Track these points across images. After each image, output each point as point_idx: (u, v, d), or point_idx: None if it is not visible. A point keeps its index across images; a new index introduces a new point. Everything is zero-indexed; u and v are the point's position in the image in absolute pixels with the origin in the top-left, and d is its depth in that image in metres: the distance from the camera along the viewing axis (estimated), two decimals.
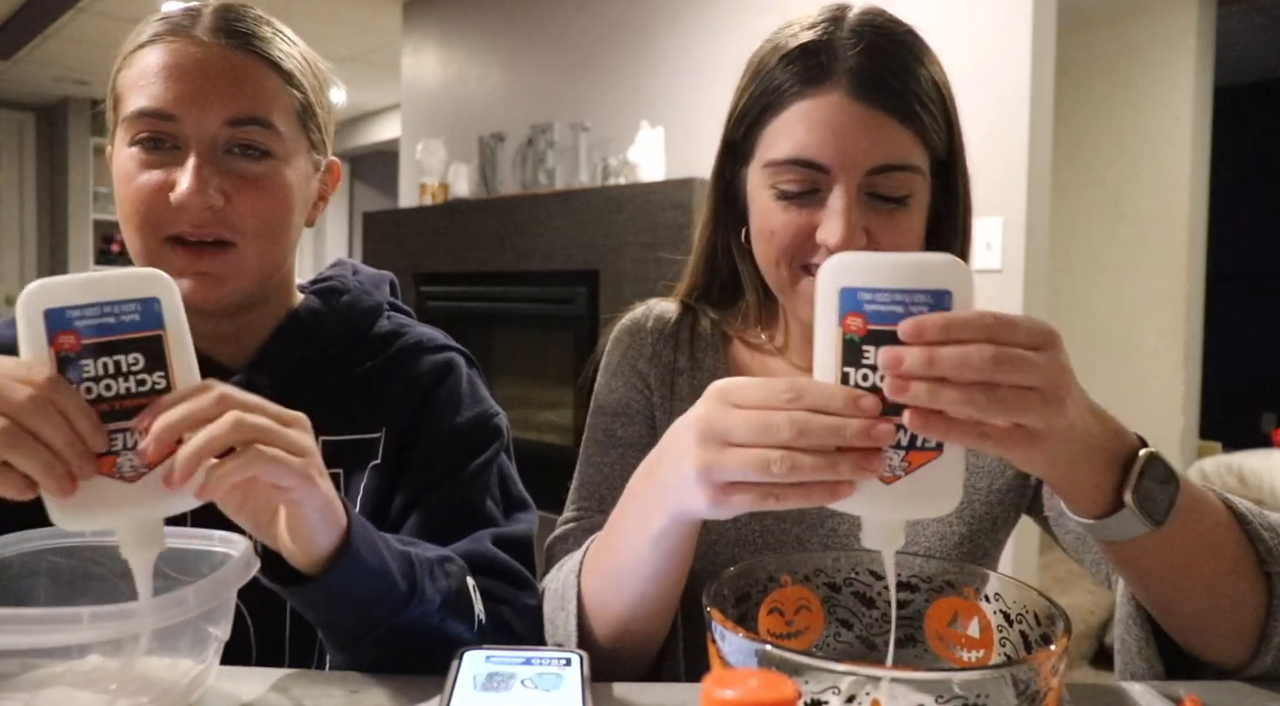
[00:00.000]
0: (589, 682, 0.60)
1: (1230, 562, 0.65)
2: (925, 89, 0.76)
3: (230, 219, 0.77)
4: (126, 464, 0.56)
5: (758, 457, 0.52)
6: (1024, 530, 2.29)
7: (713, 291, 0.93)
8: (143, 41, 0.78)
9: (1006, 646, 0.61)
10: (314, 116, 0.84)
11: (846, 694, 0.47)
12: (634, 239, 2.86)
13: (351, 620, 0.67)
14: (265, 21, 0.82)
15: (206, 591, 0.56)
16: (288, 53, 0.81)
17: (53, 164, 6.87)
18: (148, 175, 0.76)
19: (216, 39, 0.77)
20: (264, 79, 0.79)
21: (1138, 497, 0.59)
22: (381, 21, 4.45)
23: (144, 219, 0.76)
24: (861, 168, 0.74)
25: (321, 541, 0.63)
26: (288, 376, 0.85)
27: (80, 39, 5.05)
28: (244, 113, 0.77)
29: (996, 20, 2.37)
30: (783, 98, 0.76)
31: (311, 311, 0.88)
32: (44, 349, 0.55)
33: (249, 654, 0.80)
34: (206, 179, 0.75)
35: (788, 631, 0.65)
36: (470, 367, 0.93)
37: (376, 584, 0.66)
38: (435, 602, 0.69)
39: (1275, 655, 0.66)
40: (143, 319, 0.56)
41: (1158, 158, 3.81)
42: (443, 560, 0.74)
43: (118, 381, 0.56)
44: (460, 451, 0.87)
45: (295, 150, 0.82)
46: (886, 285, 0.52)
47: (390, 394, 0.88)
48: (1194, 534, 0.64)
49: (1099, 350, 3.94)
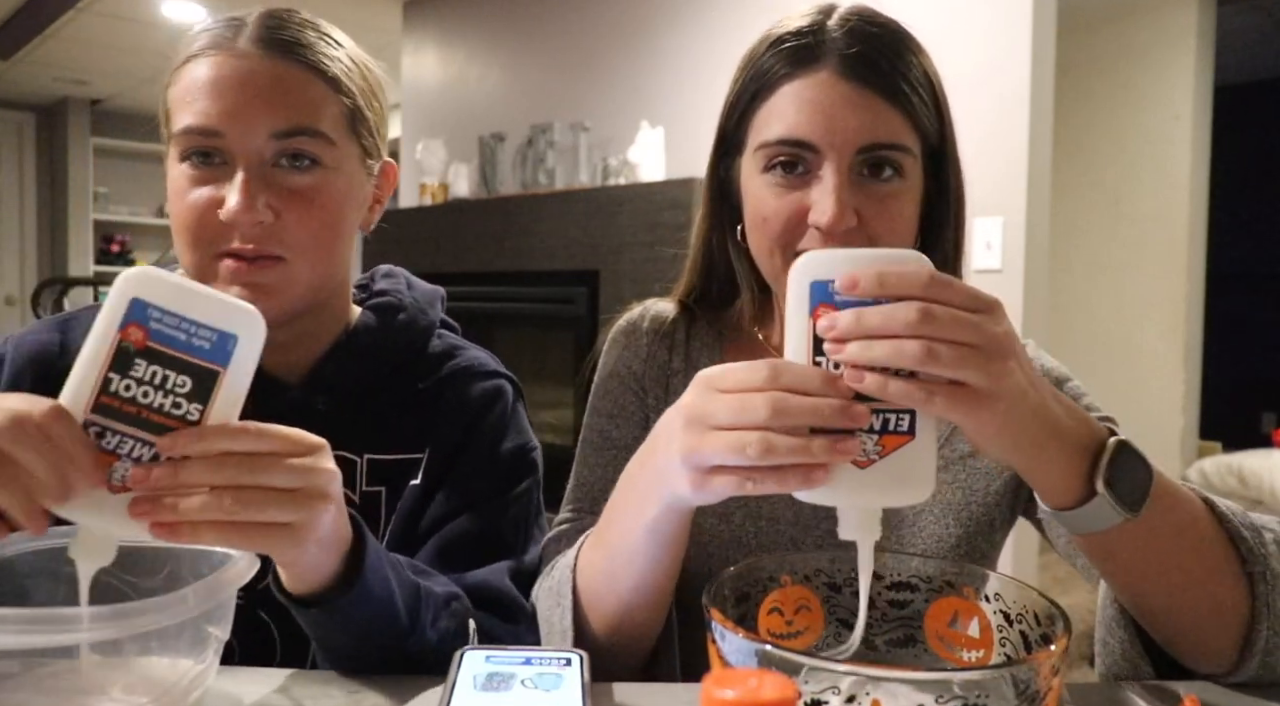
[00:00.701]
0: (589, 683, 0.60)
1: (1210, 562, 0.65)
2: (914, 73, 0.76)
3: (280, 233, 0.76)
4: (120, 472, 0.55)
5: (735, 439, 0.53)
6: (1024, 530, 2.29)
7: (710, 291, 0.93)
8: (188, 56, 0.77)
9: (1006, 646, 0.61)
10: (364, 121, 0.82)
11: (846, 694, 0.47)
12: (634, 239, 2.86)
13: (347, 642, 0.68)
14: (310, 25, 0.81)
15: (205, 592, 0.56)
16: (333, 57, 0.80)
17: (53, 164, 6.87)
18: (197, 192, 0.75)
19: (259, 49, 0.76)
20: (309, 87, 0.77)
21: (1110, 486, 0.59)
22: (381, 21, 4.45)
23: (195, 235, 0.76)
24: (852, 146, 0.74)
25: (314, 578, 0.63)
26: (341, 395, 0.84)
27: (80, 39, 5.05)
28: (290, 124, 0.76)
29: (996, 20, 2.37)
30: (772, 81, 0.77)
31: (370, 330, 0.87)
32: (113, 331, 0.55)
33: (273, 656, 0.81)
34: (255, 195, 0.74)
35: (788, 631, 0.65)
36: (517, 397, 0.93)
37: (379, 614, 0.66)
38: (432, 641, 0.70)
39: (1260, 660, 0.65)
40: (212, 349, 0.56)
41: (1158, 158, 3.81)
42: (449, 599, 0.74)
43: (156, 393, 0.55)
44: (497, 479, 0.87)
45: (345, 157, 0.80)
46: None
47: (438, 416, 0.87)
48: (1171, 526, 0.63)
49: (1099, 350, 3.94)
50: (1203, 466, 3.15)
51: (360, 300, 0.92)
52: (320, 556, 0.62)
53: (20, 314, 6.69)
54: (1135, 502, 0.60)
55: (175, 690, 0.58)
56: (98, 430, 0.55)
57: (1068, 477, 0.60)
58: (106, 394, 0.55)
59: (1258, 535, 0.66)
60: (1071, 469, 0.60)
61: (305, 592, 0.64)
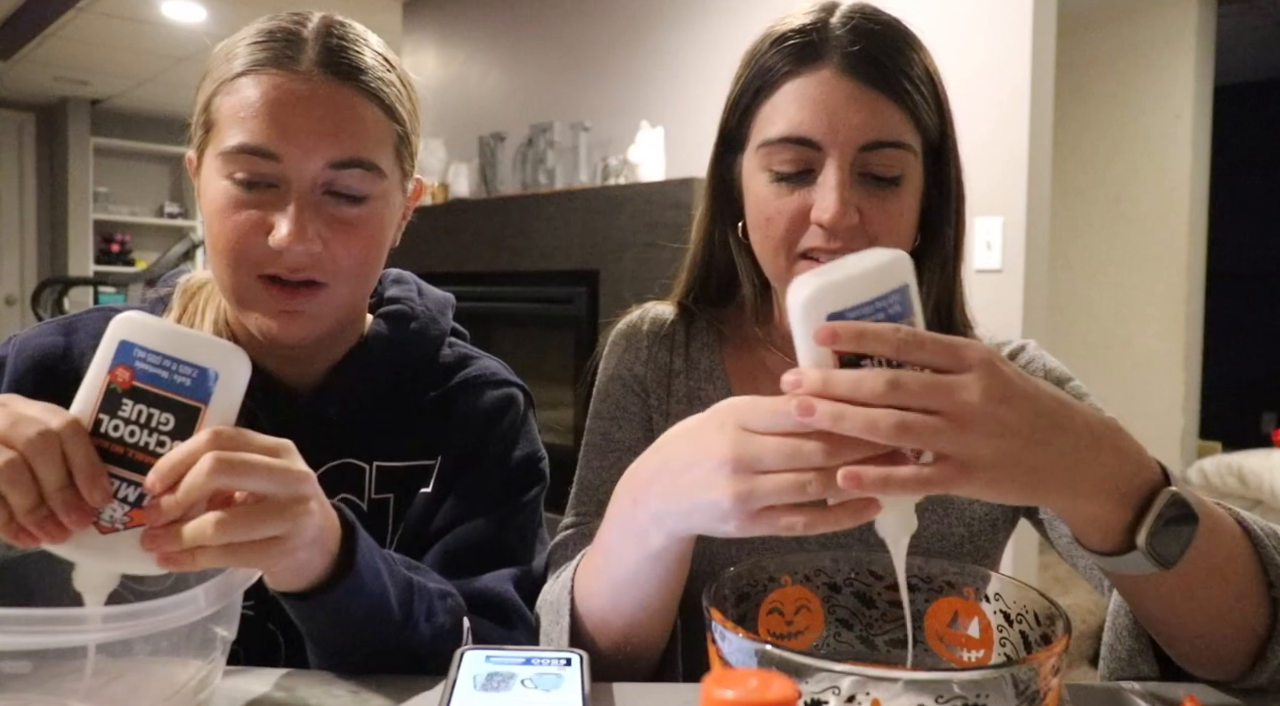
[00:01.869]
0: (589, 683, 0.60)
1: (1237, 589, 0.63)
2: (916, 71, 0.77)
3: (325, 262, 0.75)
4: (108, 514, 0.56)
5: (794, 482, 0.51)
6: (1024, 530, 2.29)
7: (710, 288, 0.93)
8: (243, 69, 0.75)
9: (1006, 646, 0.61)
10: (409, 145, 0.82)
11: (846, 694, 0.47)
12: (634, 239, 2.86)
13: (339, 637, 0.67)
14: (365, 43, 0.79)
15: (216, 592, 0.56)
16: (389, 81, 0.78)
17: (53, 164, 6.87)
18: (245, 214, 0.74)
19: (322, 72, 0.74)
20: (367, 116, 0.76)
21: (1152, 541, 0.56)
22: (381, 21, 4.45)
23: (239, 256, 0.74)
24: (854, 143, 0.74)
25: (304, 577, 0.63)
26: (353, 404, 0.84)
27: (80, 39, 5.05)
28: (347, 154, 0.74)
29: (996, 20, 2.37)
30: (775, 79, 0.77)
31: (382, 339, 0.87)
32: (103, 373, 0.56)
33: (277, 658, 0.81)
34: (306, 223, 0.73)
35: (788, 631, 0.65)
36: (528, 406, 0.93)
37: (371, 608, 0.66)
38: (426, 635, 0.70)
39: (1270, 676, 0.65)
40: (193, 386, 0.57)
41: (1158, 158, 3.81)
42: (443, 595, 0.74)
43: (141, 432, 0.56)
44: (505, 487, 0.87)
45: (391, 186, 0.80)
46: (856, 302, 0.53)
47: (450, 425, 0.87)
48: (1205, 567, 0.61)
49: (1099, 350, 3.94)
50: (1203, 466, 3.15)
51: (371, 307, 0.91)
52: (307, 557, 0.61)
53: (20, 314, 6.69)
54: (1175, 558, 0.57)
55: (184, 690, 0.58)
56: None
57: (1105, 529, 0.58)
58: (97, 436, 0.56)
59: None
60: (1115, 520, 0.57)
61: (296, 589, 0.64)
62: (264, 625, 0.79)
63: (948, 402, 0.49)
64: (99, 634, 0.52)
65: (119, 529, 0.56)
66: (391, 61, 0.81)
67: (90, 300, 6.46)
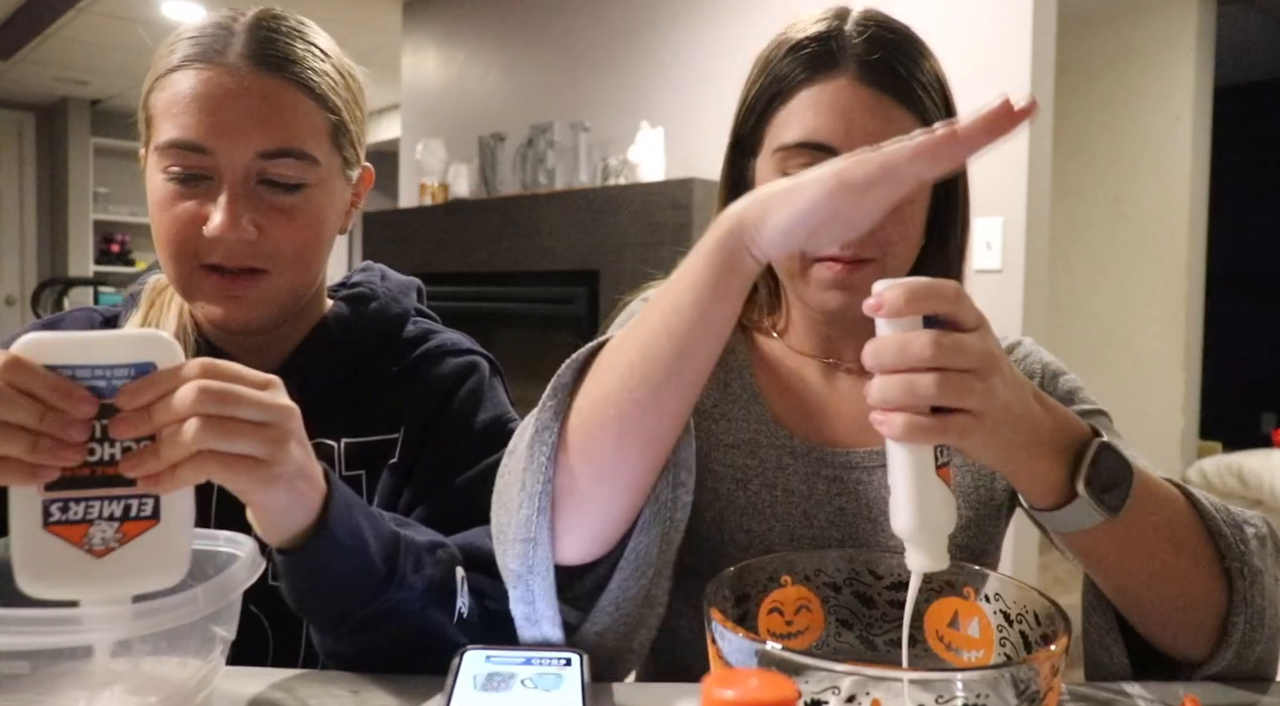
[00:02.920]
0: (589, 683, 0.60)
1: (1189, 557, 0.66)
2: (928, 78, 0.78)
3: (263, 249, 0.77)
4: (98, 536, 0.54)
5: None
6: (1024, 530, 2.29)
7: None
8: (175, 64, 0.76)
9: (1006, 646, 0.61)
10: (347, 133, 0.83)
11: (846, 694, 0.47)
12: (634, 239, 2.86)
13: (326, 601, 0.66)
14: (298, 34, 0.80)
15: (216, 592, 0.56)
16: (322, 71, 0.80)
17: (53, 164, 6.87)
18: (181, 206, 0.76)
19: (250, 65, 0.76)
20: (298, 106, 0.77)
21: (1091, 487, 0.60)
22: (381, 21, 4.45)
23: (179, 249, 0.77)
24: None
25: (287, 524, 0.62)
26: (315, 384, 0.85)
27: (80, 39, 5.05)
28: (277, 144, 0.76)
29: (996, 20, 2.37)
30: (791, 86, 0.78)
31: (340, 319, 0.88)
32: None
33: (265, 660, 0.80)
34: (239, 213, 0.75)
35: (788, 631, 0.65)
36: (493, 374, 0.93)
37: (352, 565, 0.65)
38: (416, 589, 0.68)
39: (1235, 651, 0.66)
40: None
41: (1158, 158, 3.81)
42: (433, 547, 0.73)
43: (101, 446, 0.54)
44: (474, 451, 0.87)
45: (329, 173, 0.81)
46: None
47: (412, 396, 0.88)
48: (1152, 524, 0.64)
49: (1099, 350, 3.95)
50: (1203, 466, 3.15)
51: (334, 292, 0.92)
52: (291, 499, 0.61)
53: (20, 314, 6.69)
54: (1116, 503, 0.61)
55: (184, 690, 0.58)
56: (60, 505, 0.54)
57: (1049, 479, 0.61)
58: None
59: (1239, 531, 0.67)
60: (1053, 470, 0.60)
61: (281, 542, 0.63)
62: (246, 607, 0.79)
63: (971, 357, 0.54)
64: (98, 634, 0.52)
65: (114, 547, 0.54)
66: (326, 51, 0.82)
67: (90, 300, 6.46)
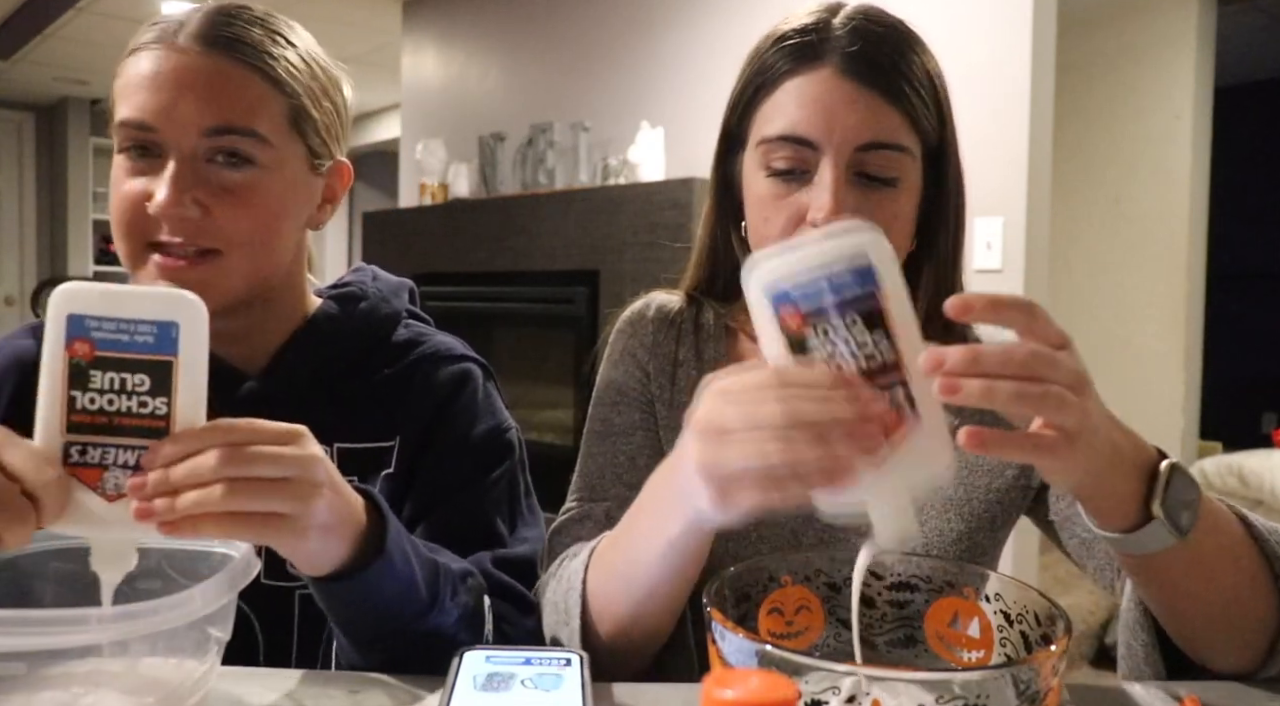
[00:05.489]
0: (589, 683, 0.60)
1: (1248, 575, 0.65)
2: (916, 74, 0.77)
3: (212, 229, 0.77)
4: (111, 481, 0.56)
5: (755, 446, 0.52)
6: (1024, 530, 2.29)
7: (716, 285, 0.93)
8: (133, 48, 0.78)
9: (1007, 646, 0.61)
10: (309, 120, 0.82)
11: (846, 694, 0.47)
12: (634, 239, 2.86)
13: (371, 621, 0.68)
14: (260, 23, 0.80)
15: (212, 592, 0.56)
16: (279, 55, 0.79)
17: (53, 164, 6.87)
18: (131, 184, 0.77)
19: (198, 45, 0.76)
20: (247, 86, 0.77)
21: (1166, 508, 0.59)
22: (381, 21, 4.45)
23: (127, 226, 0.77)
24: (850, 144, 0.74)
25: (324, 563, 0.63)
26: (303, 383, 0.85)
27: (80, 39, 5.05)
28: (222, 121, 0.76)
29: (996, 20, 2.37)
30: (775, 78, 0.78)
31: (329, 318, 0.88)
32: (60, 351, 0.56)
33: (255, 658, 0.80)
34: (183, 190, 0.75)
35: (788, 631, 0.65)
36: (487, 380, 0.93)
37: (401, 590, 0.66)
38: (453, 616, 0.70)
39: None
40: (156, 342, 0.56)
41: (1158, 158, 3.81)
42: (465, 575, 0.74)
43: (120, 398, 0.56)
44: (471, 465, 0.87)
45: (286, 157, 0.80)
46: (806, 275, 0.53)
47: (406, 403, 0.87)
48: (1215, 545, 0.63)
49: (1099, 350, 3.94)
50: (1203, 466, 3.14)
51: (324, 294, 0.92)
52: (325, 542, 0.61)
53: (20, 314, 6.69)
54: (1187, 525, 0.60)
55: (180, 691, 0.58)
56: (79, 448, 0.56)
57: (1125, 502, 0.60)
58: (75, 412, 0.56)
59: None
60: (1130, 493, 0.60)
61: (320, 573, 0.64)
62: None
63: (1065, 374, 0.53)
64: (95, 634, 0.52)
65: (126, 494, 0.56)
66: (290, 39, 0.82)
67: None
